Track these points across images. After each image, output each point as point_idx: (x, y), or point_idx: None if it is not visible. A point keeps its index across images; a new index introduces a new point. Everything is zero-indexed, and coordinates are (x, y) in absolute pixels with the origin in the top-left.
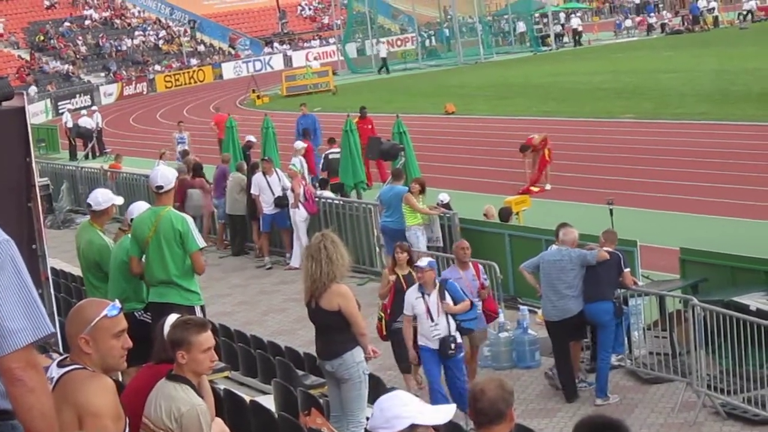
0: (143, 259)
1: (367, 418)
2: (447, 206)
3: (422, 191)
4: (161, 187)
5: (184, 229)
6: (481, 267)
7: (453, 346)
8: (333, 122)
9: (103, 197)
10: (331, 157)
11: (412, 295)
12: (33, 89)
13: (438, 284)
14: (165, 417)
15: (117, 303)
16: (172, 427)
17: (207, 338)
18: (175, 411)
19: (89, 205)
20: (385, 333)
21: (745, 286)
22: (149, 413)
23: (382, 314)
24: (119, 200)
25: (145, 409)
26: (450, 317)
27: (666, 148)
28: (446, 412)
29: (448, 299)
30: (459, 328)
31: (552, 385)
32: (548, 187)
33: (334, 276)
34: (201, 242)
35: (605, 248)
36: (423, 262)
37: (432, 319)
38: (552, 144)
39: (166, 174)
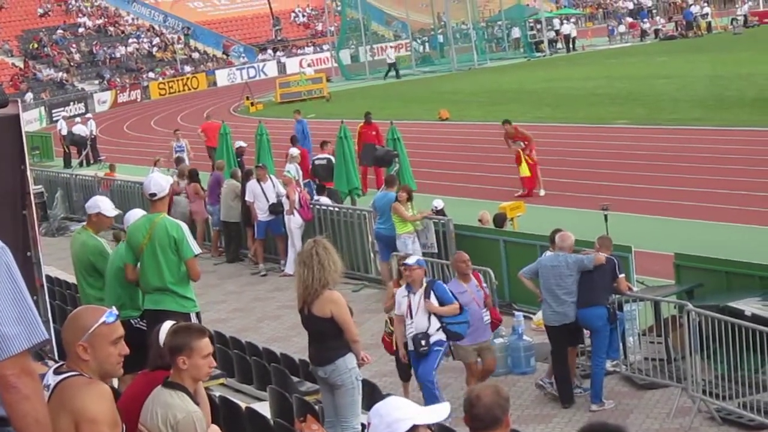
0: (138, 266)
1: (363, 425)
2: (441, 212)
3: (410, 199)
4: (155, 195)
5: (178, 235)
6: (480, 275)
7: (423, 343)
8: (327, 129)
9: (92, 202)
10: (317, 163)
11: (400, 293)
12: (29, 96)
13: (425, 284)
14: (161, 424)
15: (114, 310)
16: None
17: (207, 344)
18: (171, 418)
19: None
20: (395, 348)
21: (740, 291)
22: (145, 420)
23: (393, 329)
24: (109, 211)
25: (141, 416)
26: (434, 317)
27: (660, 153)
28: (442, 411)
29: (433, 299)
30: (445, 331)
31: (545, 395)
32: (542, 193)
33: (326, 282)
34: (196, 249)
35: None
36: (411, 260)
37: (411, 317)
38: (547, 149)
39: (159, 181)
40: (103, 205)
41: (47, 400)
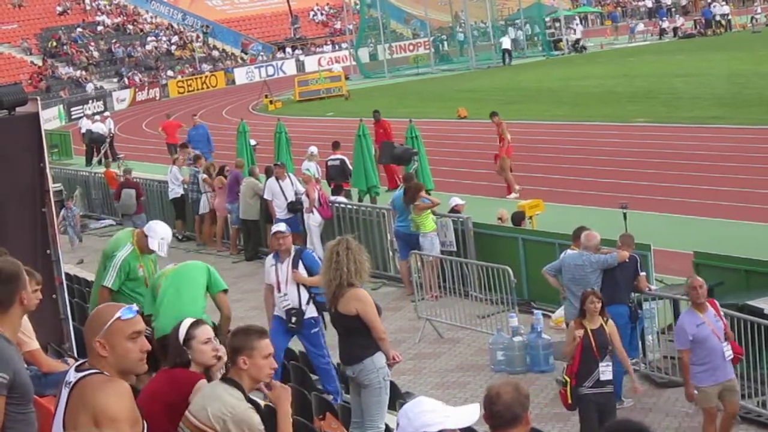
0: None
1: (387, 426)
2: (454, 210)
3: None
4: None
5: (210, 272)
6: (717, 302)
7: (294, 319)
8: (346, 127)
9: (153, 231)
10: (330, 164)
11: (268, 262)
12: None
13: (294, 252)
14: (212, 417)
15: (135, 306)
16: (218, 428)
17: (267, 344)
18: (222, 413)
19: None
20: (570, 401)
21: (759, 289)
22: (196, 410)
23: (567, 379)
24: (154, 246)
25: (191, 405)
26: (303, 288)
27: (679, 151)
28: (472, 413)
29: (301, 269)
30: (315, 303)
31: None
32: (512, 195)
33: (344, 281)
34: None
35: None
36: (281, 226)
37: (279, 290)
38: (566, 148)
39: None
40: (155, 236)
41: (67, 397)
